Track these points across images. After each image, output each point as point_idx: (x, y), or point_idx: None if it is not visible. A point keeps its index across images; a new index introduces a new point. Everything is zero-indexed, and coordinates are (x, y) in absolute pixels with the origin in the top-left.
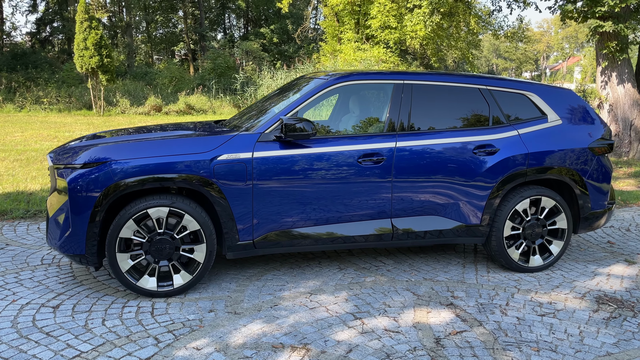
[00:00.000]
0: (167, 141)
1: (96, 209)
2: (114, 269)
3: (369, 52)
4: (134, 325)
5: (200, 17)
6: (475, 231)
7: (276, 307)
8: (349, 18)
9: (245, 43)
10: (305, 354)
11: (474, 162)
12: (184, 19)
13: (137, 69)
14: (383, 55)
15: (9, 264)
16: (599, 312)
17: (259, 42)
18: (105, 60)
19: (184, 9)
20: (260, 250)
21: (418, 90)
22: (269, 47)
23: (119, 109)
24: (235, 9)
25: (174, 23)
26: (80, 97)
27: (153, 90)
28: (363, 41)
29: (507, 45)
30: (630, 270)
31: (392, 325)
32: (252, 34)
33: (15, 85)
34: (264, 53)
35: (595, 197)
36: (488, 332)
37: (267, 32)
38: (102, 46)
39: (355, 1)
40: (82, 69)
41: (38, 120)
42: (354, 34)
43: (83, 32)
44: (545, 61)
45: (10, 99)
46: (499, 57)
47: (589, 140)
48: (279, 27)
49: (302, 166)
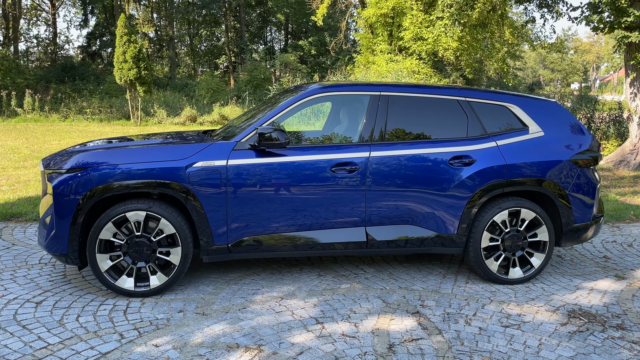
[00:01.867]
0: (146, 149)
1: (77, 211)
2: (94, 268)
3: (401, 63)
4: (104, 322)
5: (241, 31)
6: (451, 241)
7: (244, 310)
8: (382, 30)
9: (282, 55)
10: (257, 354)
11: (450, 173)
12: (226, 32)
13: (179, 80)
14: (415, 67)
15: (9, 262)
16: (567, 325)
17: (296, 55)
18: (142, 73)
19: (226, 22)
20: (235, 255)
21: (395, 102)
22: (307, 59)
23: (156, 119)
24: (275, 22)
25: (217, 36)
26: (121, 107)
27: (189, 101)
28: (396, 53)
29: (553, 56)
30: (616, 286)
31: (350, 331)
32: (291, 47)
33: (61, 96)
34: (301, 65)
35: (579, 210)
36: (444, 341)
37: (305, 45)
38: (140, 59)
39: (388, 13)
40: (121, 80)
41: (78, 129)
42: (387, 45)
43: (122, 46)
44: (595, 72)
45: (55, 109)
46: (546, 68)
47: (572, 152)
48: (317, 39)
49: (276, 174)
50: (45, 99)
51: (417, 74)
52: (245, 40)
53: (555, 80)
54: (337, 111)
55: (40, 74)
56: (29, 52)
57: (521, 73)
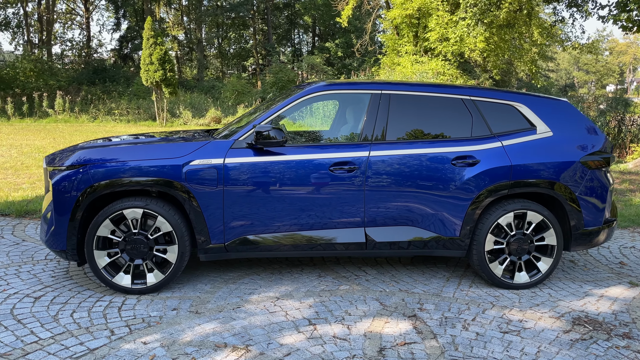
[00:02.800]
0: (144, 146)
1: (76, 208)
2: (91, 265)
3: (426, 64)
4: (98, 318)
5: (268, 33)
6: (454, 244)
7: (238, 310)
8: (407, 31)
9: (308, 57)
10: (244, 354)
11: (452, 173)
12: (254, 35)
13: (207, 82)
14: (441, 68)
15: (16, 258)
16: (570, 333)
17: (322, 57)
18: (168, 75)
19: (254, 25)
20: (232, 254)
21: (396, 101)
22: (334, 61)
23: (182, 120)
24: (303, 25)
25: (245, 39)
26: (148, 109)
27: (214, 103)
28: (421, 54)
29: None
30: (628, 293)
31: (342, 333)
32: (317, 49)
33: (91, 98)
34: (327, 67)
35: (589, 213)
36: (438, 346)
37: (332, 47)
38: (166, 61)
39: (413, 14)
40: (147, 82)
41: (105, 130)
42: (412, 46)
43: (149, 48)
44: (632, 74)
45: (85, 110)
46: (580, 70)
47: (582, 153)
48: (344, 41)
49: (274, 173)
50: (75, 100)
51: (442, 75)
52: (272, 43)
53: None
54: (341, 110)
55: (73, 76)
56: (63, 55)
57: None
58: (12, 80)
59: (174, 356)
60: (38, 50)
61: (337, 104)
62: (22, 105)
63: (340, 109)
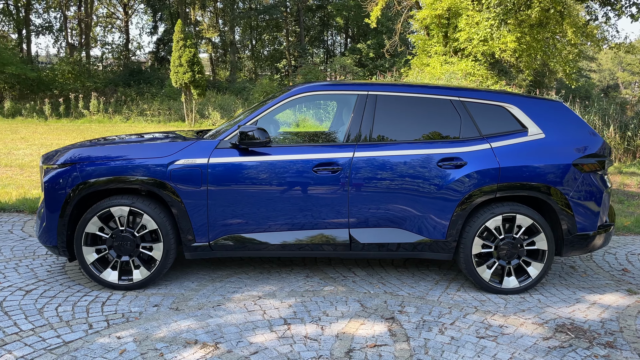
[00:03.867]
0: (132, 146)
1: (65, 205)
2: (80, 260)
3: (456, 65)
4: (80, 312)
5: (300, 35)
6: (440, 246)
7: (217, 308)
8: (437, 31)
9: (339, 59)
10: (211, 352)
11: (438, 175)
12: (286, 37)
13: (238, 84)
14: (471, 69)
15: (19, 253)
16: (550, 340)
17: (353, 58)
18: (197, 76)
19: (286, 27)
20: (217, 253)
21: (383, 102)
22: (365, 62)
23: (210, 121)
24: (335, 26)
25: (279, 41)
26: (178, 110)
27: (243, 104)
28: (451, 54)
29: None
30: (623, 301)
31: (315, 333)
32: (349, 50)
33: (125, 99)
34: (357, 68)
35: (582, 217)
36: (408, 349)
37: (364, 48)
38: (195, 63)
39: (443, 14)
40: (177, 84)
41: (136, 130)
42: (442, 47)
43: (178, 50)
44: None
45: (119, 111)
46: (624, 71)
47: (576, 156)
48: (376, 42)
49: (257, 173)
50: (109, 101)
51: (472, 76)
52: (304, 44)
53: (633, 82)
54: (338, 111)
55: (110, 78)
56: (104, 58)
57: (596, 75)
58: (51, 82)
59: (143, 351)
60: (76, 52)
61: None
62: (59, 106)
63: (337, 110)
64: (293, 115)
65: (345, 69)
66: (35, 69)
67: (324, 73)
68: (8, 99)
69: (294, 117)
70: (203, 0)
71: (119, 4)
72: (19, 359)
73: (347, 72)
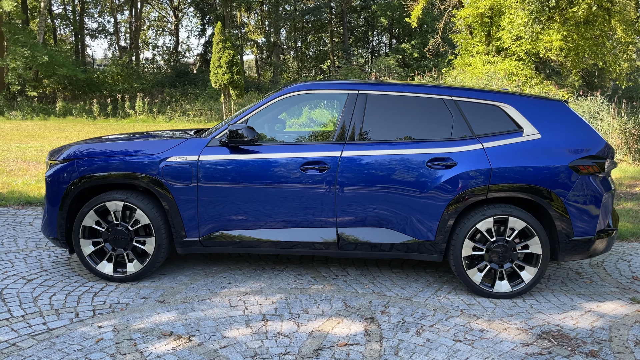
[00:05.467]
0: (128, 143)
1: (64, 199)
2: (78, 252)
3: (498, 65)
4: (72, 301)
5: (344, 35)
6: (429, 248)
7: (202, 302)
8: (479, 30)
9: (381, 59)
10: (183, 344)
11: (428, 176)
12: (330, 38)
13: (282, 85)
14: (514, 68)
15: (32, 244)
16: (530, 346)
17: (395, 58)
18: (235, 77)
19: (330, 28)
20: (208, 248)
21: (373, 101)
22: (410, 62)
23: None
24: (380, 26)
25: (324, 42)
26: (219, 110)
27: None
28: (493, 54)
29: None
30: (622, 310)
31: (289, 330)
32: (393, 50)
33: (169, 99)
34: (399, 68)
35: (579, 221)
36: (378, 349)
37: (408, 48)
38: (234, 64)
39: (485, 13)
40: (216, 85)
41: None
42: (485, 46)
43: (218, 52)
44: None
45: (162, 111)
46: None
47: (572, 157)
48: (420, 42)
49: (246, 171)
50: (154, 101)
51: (515, 76)
52: (347, 45)
53: None
54: (336, 110)
55: (157, 79)
56: (154, 60)
57: None
58: (101, 83)
59: (119, 341)
60: (125, 55)
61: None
62: (107, 106)
63: (338, 109)
64: (306, 114)
65: (386, 69)
66: (87, 70)
67: (364, 74)
68: (60, 99)
69: (307, 117)
70: (249, 3)
71: (169, 8)
72: (2, 342)
73: (389, 73)
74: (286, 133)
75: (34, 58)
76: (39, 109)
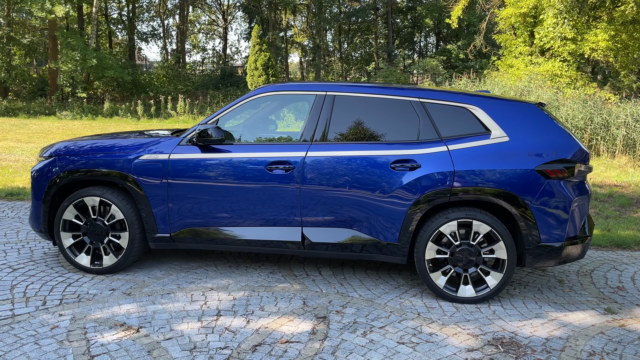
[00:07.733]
0: (105, 142)
1: (47, 193)
2: (58, 244)
3: (542, 66)
4: (44, 290)
5: (389, 37)
6: (393, 249)
7: (166, 296)
8: (522, 30)
9: (425, 60)
10: (130, 334)
11: (391, 177)
12: (375, 39)
13: None
14: (557, 70)
15: (31, 236)
16: (473, 352)
17: (440, 59)
18: (271, 80)
19: (375, 29)
20: (179, 244)
21: (341, 102)
22: (455, 63)
23: (285, 122)
24: (425, 28)
25: (369, 43)
26: None
27: None
28: (536, 55)
29: None
30: (591, 320)
31: (237, 326)
32: (439, 51)
33: (211, 100)
34: (444, 70)
35: (547, 227)
36: (317, 348)
37: (454, 49)
38: (269, 66)
39: (528, 12)
40: (252, 86)
41: None
42: (527, 46)
43: (255, 55)
44: None
45: (203, 112)
46: None
47: (540, 161)
48: (466, 43)
49: (214, 169)
50: (194, 103)
51: (559, 77)
52: (391, 47)
53: None
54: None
55: (204, 81)
56: (204, 62)
57: None
58: (147, 85)
59: (72, 329)
60: (171, 57)
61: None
62: (150, 107)
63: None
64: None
65: (429, 70)
66: (134, 73)
67: (404, 75)
68: (108, 100)
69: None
70: (294, 6)
71: (219, 12)
72: None
73: (430, 74)
74: (261, 134)
75: (84, 61)
76: (87, 110)
